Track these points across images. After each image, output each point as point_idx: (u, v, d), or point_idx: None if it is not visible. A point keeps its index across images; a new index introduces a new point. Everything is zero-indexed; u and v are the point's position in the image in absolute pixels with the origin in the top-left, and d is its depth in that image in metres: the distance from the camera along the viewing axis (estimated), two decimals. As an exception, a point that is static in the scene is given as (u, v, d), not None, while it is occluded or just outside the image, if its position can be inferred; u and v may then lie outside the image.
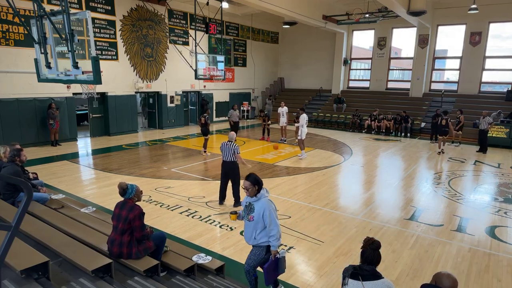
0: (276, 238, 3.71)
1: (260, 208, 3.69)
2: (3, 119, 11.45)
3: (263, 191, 3.77)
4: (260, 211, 3.68)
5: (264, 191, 3.78)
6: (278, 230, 3.72)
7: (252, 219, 3.73)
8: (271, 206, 3.72)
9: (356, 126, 17.98)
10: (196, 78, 13.47)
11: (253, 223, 3.74)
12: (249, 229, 3.81)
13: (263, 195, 3.75)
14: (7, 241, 1.62)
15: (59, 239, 3.84)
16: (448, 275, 2.46)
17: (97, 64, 4.72)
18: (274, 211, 3.74)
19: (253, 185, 3.70)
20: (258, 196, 3.73)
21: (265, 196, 3.76)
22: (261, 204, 3.70)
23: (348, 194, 8.21)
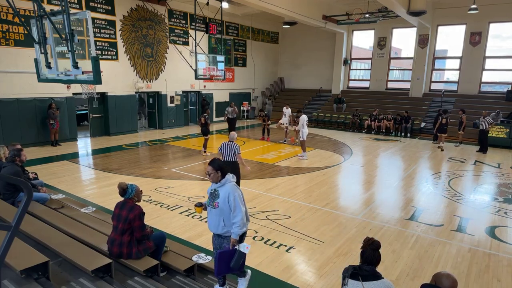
0: (239, 226, 3.48)
1: (225, 193, 3.51)
2: (3, 119, 11.45)
3: (228, 176, 3.59)
4: (225, 196, 3.50)
5: (230, 177, 3.61)
6: (242, 217, 3.49)
7: (217, 206, 3.54)
8: (236, 191, 3.53)
9: (356, 126, 17.98)
10: (196, 78, 13.47)
11: (218, 210, 3.54)
12: (215, 217, 3.60)
13: (228, 180, 3.58)
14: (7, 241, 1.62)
15: (59, 239, 3.84)
16: (447, 275, 2.46)
17: (97, 64, 4.72)
18: (240, 196, 3.54)
19: (215, 171, 3.54)
20: (222, 181, 3.56)
21: (230, 181, 3.59)
22: (226, 189, 3.53)
23: (348, 194, 8.22)
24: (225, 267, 3.47)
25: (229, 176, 3.60)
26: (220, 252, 3.50)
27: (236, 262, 3.44)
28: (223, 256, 3.45)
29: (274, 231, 5.91)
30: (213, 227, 3.67)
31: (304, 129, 11.15)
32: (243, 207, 3.53)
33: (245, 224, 3.54)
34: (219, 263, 3.42)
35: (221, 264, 3.43)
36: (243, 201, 3.58)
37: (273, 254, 5.14)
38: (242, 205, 3.54)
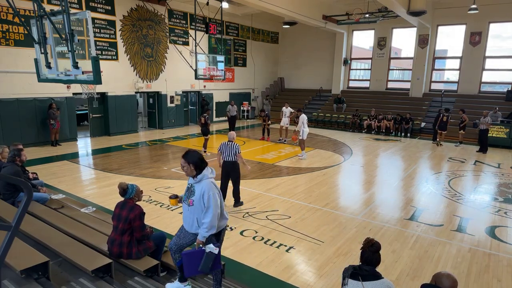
0: (206, 228, 3.21)
1: (201, 190, 3.24)
2: (3, 119, 11.45)
3: (206, 171, 3.29)
4: (200, 194, 3.24)
5: (208, 172, 3.31)
6: (212, 219, 3.20)
7: (192, 204, 3.29)
8: (212, 189, 3.23)
9: (356, 126, 17.98)
10: (196, 78, 13.49)
11: (193, 208, 3.29)
12: (190, 215, 3.35)
13: (206, 176, 3.28)
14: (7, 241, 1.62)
15: (59, 239, 3.84)
16: (448, 275, 2.46)
17: (97, 64, 4.73)
18: (215, 196, 3.24)
19: (188, 163, 3.25)
20: (199, 177, 3.27)
21: (207, 177, 3.29)
22: (202, 186, 3.25)
23: (348, 194, 8.21)
24: (194, 269, 3.27)
25: (207, 171, 3.32)
26: (185, 253, 3.29)
27: (205, 264, 3.21)
28: (189, 257, 3.26)
29: (274, 231, 5.91)
30: (187, 225, 3.43)
31: (305, 129, 11.17)
32: (216, 209, 3.24)
33: (214, 227, 3.26)
34: (187, 264, 3.25)
35: (189, 265, 3.25)
36: (218, 201, 3.28)
37: (273, 254, 5.14)
38: (217, 206, 3.25)
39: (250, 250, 5.24)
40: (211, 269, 3.30)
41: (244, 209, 6.85)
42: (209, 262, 3.22)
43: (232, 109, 16.04)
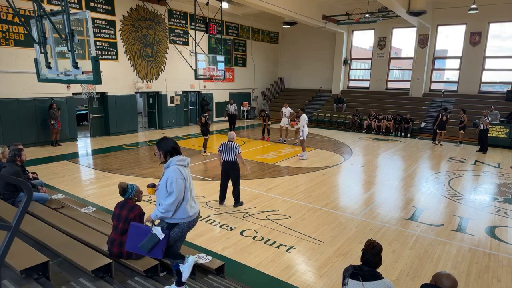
0: (162, 210, 3.17)
1: (166, 175, 3.24)
2: (3, 119, 11.45)
3: (174, 158, 3.28)
4: (165, 179, 3.23)
5: (176, 159, 3.28)
6: (171, 204, 3.14)
7: (157, 188, 3.32)
8: (176, 175, 3.19)
9: (356, 126, 17.98)
10: (196, 78, 13.48)
11: (158, 192, 3.31)
12: (157, 198, 3.35)
13: (173, 162, 3.26)
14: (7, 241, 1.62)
15: (59, 239, 3.84)
16: (447, 275, 2.46)
17: (97, 64, 4.73)
18: (178, 182, 3.17)
19: (159, 150, 3.31)
20: (168, 163, 3.29)
21: (174, 163, 3.25)
22: (168, 171, 3.24)
23: (348, 194, 8.21)
24: (135, 244, 3.25)
25: (176, 158, 3.29)
26: (133, 224, 3.36)
27: (146, 243, 3.16)
28: (133, 229, 3.30)
29: (274, 231, 5.91)
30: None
31: (305, 129, 11.17)
32: (179, 195, 3.17)
33: (169, 212, 3.18)
34: (129, 237, 3.28)
35: (130, 239, 3.28)
36: (181, 188, 3.19)
37: (273, 254, 5.14)
38: (179, 192, 3.17)
39: (250, 250, 5.24)
40: (150, 253, 3.25)
41: (244, 209, 6.85)
42: (150, 244, 3.17)
43: (231, 107, 16.49)
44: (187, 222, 3.33)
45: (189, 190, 3.33)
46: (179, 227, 3.32)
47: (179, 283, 3.42)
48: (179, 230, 3.32)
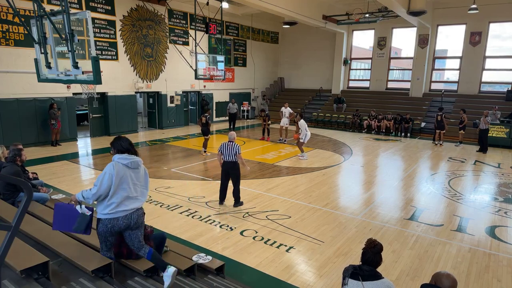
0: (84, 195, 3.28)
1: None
2: (3, 119, 11.45)
3: (118, 155, 3.41)
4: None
5: (118, 156, 3.40)
6: (92, 194, 3.24)
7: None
8: (109, 169, 3.29)
9: (356, 126, 17.98)
10: (196, 78, 13.48)
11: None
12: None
13: (114, 158, 3.41)
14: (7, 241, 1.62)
15: (59, 239, 3.83)
16: (447, 275, 2.46)
17: (97, 64, 4.73)
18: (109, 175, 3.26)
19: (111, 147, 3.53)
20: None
21: (114, 159, 3.40)
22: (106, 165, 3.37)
23: (348, 194, 8.21)
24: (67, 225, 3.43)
25: (118, 155, 3.41)
26: (57, 204, 3.48)
27: (79, 224, 3.38)
28: (59, 209, 3.43)
29: (274, 231, 5.91)
30: None
31: (308, 133, 11.07)
32: (100, 190, 3.24)
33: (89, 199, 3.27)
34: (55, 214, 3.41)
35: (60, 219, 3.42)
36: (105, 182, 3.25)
37: (273, 254, 5.14)
38: (103, 188, 3.24)
39: (250, 250, 5.24)
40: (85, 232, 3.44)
41: (244, 209, 6.85)
42: (83, 223, 3.38)
43: (233, 107, 17.37)
44: (107, 220, 3.33)
45: (123, 190, 3.32)
46: (102, 223, 3.35)
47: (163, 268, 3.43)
48: (102, 226, 3.36)
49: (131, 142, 3.57)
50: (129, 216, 3.37)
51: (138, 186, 3.44)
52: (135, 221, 3.41)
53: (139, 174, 3.48)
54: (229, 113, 17.42)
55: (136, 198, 3.42)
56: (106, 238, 3.42)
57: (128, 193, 3.35)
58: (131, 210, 3.39)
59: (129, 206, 3.37)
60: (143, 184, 3.52)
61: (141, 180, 3.50)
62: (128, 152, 3.45)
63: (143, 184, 3.52)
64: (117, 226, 3.35)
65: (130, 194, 3.37)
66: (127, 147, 3.48)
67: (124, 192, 3.33)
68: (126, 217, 3.36)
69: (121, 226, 3.36)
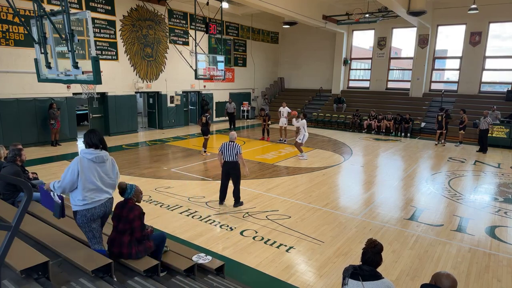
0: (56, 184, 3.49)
1: None
2: (3, 119, 11.45)
3: (85, 150, 3.56)
4: None
5: (85, 150, 3.54)
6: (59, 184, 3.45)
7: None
8: (73, 164, 3.47)
9: (356, 126, 17.98)
10: (196, 78, 13.47)
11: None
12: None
13: (80, 152, 3.55)
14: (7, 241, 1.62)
15: (59, 239, 3.83)
16: (447, 275, 2.46)
17: (97, 64, 4.72)
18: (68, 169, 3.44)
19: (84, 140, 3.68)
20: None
21: (80, 154, 3.54)
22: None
23: (348, 194, 8.21)
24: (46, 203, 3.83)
25: (84, 150, 3.57)
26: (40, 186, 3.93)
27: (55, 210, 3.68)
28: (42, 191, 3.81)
29: (274, 231, 5.91)
30: None
31: (306, 134, 11.11)
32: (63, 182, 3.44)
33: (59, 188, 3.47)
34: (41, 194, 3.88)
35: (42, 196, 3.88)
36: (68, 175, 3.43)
37: (273, 254, 5.14)
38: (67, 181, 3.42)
39: (250, 250, 5.24)
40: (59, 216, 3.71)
41: (244, 209, 6.85)
42: (58, 209, 3.65)
43: (230, 106, 17.66)
44: (84, 211, 3.51)
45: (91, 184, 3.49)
46: (79, 214, 3.52)
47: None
48: (80, 217, 3.54)
49: (102, 137, 3.69)
50: (104, 204, 3.62)
51: (105, 179, 3.62)
52: (109, 208, 3.69)
53: (106, 167, 3.63)
54: (227, 113, 17.70)
55: (106, 191, 3.62)
56: (90, 227, 3.58)
57: (96, 186, 3.53)
58: (105, 199, 3.62)
59: (102, 197, 3.60)
60: (111, 176, 3.70)
61: (109, 172, 3.67)
62: (95, 146, 3.58)
63: (111, 176, 3.70)
64: (96, 214, 3.57)
65: (99, 187, 3.55)
66: (95, 142, 3.60)
67: (93, 185, 3.51)
68: (102, 205, 3.60)
69: (100, 213, 3.60)
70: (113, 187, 3.74)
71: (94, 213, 3.55)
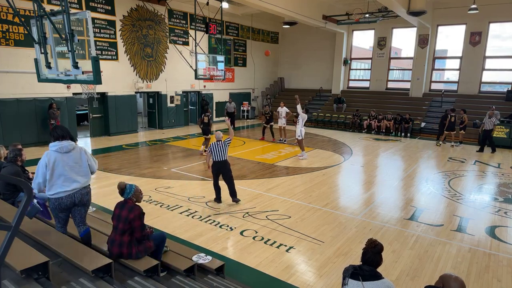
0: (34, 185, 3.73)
1: None
2: (3, 119, 11.45)
3: (51, 144, 3.72)
4: None
5: (51, 144, 3.72)
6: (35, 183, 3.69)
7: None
8: (41, 160, 3.69)
9: (356, 126, 17.98)
10: (196, 78, 13.48)
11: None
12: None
13: (50, 146, 3.73)
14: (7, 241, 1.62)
15: (59, 239, 3.83)
16: (455, 277, 2.44)
17: (97, 64, 4.72)
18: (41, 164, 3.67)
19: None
20: None
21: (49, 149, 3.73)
22: None
23: (348, 194, 8.21)
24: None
25: (51, 144, 3.72)
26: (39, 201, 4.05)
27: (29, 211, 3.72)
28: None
29: (274, 231, 5.91)
30: None
31: (302, 128, 11.03)
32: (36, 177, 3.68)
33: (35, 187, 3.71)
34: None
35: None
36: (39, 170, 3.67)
37: (273, 254, 5.14)
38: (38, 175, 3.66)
39: (250, 250, 5.24)
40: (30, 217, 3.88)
41: (244, 209, 6.85)
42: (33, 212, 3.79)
43: (230, 106, 17.97)
44: (53, 199, 3.74)
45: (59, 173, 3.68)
46: (50, 201, 3.80)
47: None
48: (51, 204, 3.80)
49: (66, 130, 3.86)
50: (72, 195, 3.75)
51: (75, 168, 3.76)
52: (79, 199, 3.81)
53: (73, 156, 3.77)
54: (227, 112, 17.74)
55: (75, 179, 3.76)
56: (57, 214, 3.88)
57: (64, 175, 3.70)
58: (73, 190, 3.75)
59: (70, 187, 3.74)
60: (81, 164, 3.82)
61: (78, 161, 3.80)
62: (62, 138, 3.74)
63: (81, 165, 3.82)
64: (63, 204, 3.75)
65: (67, 176, 3.71)
66: (61, 134, 3.76)
67: (61, 175, 3.69)
68: (69, 196, 3.74)
69: (67, 204, 3.76)
70: (85, 175, 3.85)
71: (61, 203, 3.73)
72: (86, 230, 3.94)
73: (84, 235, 3.92)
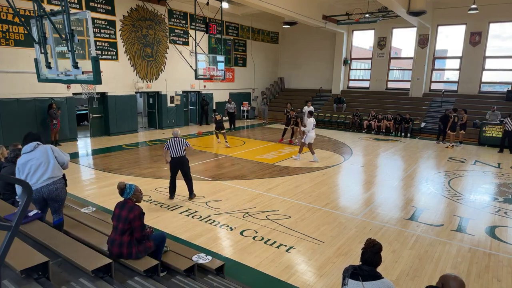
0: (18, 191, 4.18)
1: None
2: (3, 119, 11.45)
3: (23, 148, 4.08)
4: None
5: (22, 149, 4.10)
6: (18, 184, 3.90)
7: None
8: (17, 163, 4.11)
9: (356, 126, 17.98)
10: (196, 78, 13.48)
11: None
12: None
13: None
14: (7, 241, 1.62)
15: (59, 239, 3.84)
16: (455, 277, 2.44)
17: (97, 64, 4.73)
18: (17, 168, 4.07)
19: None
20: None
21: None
22: None
23: (348, 194, 8.21)
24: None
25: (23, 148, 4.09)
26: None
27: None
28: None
29: (274, 231, 5.91)
30: None
31: (310, 134, 10.83)
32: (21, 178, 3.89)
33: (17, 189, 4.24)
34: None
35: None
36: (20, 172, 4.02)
37: (273, 254, 5.14)
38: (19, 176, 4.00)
39: (250, 250, 5.24)
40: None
41: (244, 209, 6.85)
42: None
43: (230, 106, 17.85)
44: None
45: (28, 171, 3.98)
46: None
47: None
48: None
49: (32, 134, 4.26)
50: (39, 190, 3.99)
51: (42, 165, 4.00)
52: (46, 194, 4.04)
53: (37, 154, 4.02)
54: (228, 112, 17.76)
55: (42, 174, 4.00)
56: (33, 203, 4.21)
57: (31, 172, 3.98)
58: (40, 185, 3.99)
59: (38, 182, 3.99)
60: (45, 159, 4.03)
61: (43, 158, 4.02)
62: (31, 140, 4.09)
63: (46, 160, 4.03)
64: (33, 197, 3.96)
65: (34, 172, 3.99)
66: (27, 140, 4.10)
67: (30, 172, 3.99)
68: (36, 191, 3.99)
69: (35, 198, 4.04)
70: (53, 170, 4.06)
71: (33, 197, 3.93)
72: (59, 219, 4.25)
73: (57, 224, 4.23)
